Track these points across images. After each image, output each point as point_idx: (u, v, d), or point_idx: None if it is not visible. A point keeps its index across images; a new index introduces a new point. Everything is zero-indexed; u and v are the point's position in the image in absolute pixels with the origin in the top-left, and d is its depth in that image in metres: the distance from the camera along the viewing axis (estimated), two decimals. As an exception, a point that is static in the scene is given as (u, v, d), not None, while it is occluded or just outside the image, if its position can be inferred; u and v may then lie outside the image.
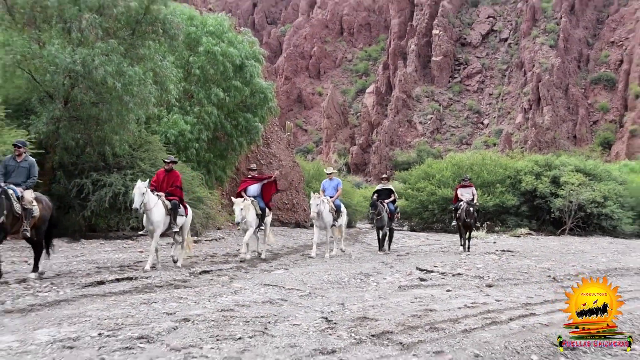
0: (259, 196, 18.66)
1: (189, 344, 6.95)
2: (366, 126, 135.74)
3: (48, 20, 21.53)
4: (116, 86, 20.66)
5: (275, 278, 13.38)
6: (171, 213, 14.82)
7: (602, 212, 39.92)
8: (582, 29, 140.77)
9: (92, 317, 8.47)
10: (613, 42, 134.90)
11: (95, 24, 20.94)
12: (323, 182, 20.36)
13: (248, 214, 17.40)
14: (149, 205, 14.08)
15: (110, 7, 21.58)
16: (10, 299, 9.79)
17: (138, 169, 23.25)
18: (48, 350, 6.64)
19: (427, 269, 15.77)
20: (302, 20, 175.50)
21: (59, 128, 21.46)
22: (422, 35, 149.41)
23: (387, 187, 22.04)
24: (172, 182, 15.33)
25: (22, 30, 21.79)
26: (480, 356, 6.79)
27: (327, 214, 18.74)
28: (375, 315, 8.97)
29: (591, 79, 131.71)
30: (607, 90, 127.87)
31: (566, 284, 13.60)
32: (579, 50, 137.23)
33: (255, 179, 19.00)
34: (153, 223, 14.27)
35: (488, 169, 43.94)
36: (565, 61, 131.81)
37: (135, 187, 13.93)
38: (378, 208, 20.49)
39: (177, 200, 15.14)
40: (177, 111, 27.74)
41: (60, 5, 20.94)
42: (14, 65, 21.28)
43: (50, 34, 21.39)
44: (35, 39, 21.59)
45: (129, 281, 12.18)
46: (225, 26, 30.62)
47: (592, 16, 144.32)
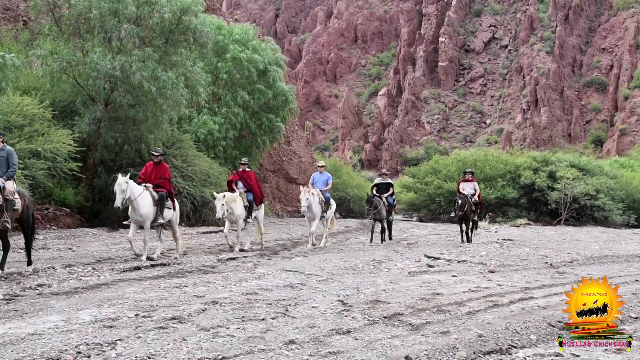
0: (249, 190, 16.88)
1: (217, 324, 6.97)
2: (378, 125, 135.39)
3: (91, 31, 21.63)
4: (151, 90, 20.73)
5: (295, 264, 13.39)
6: (158, 204, 13.52)
7: (594, 204, 39.89)
8: (576, 37, 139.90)
9: (130, 299, 8.52)
10: (604, 48, 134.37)
11: (132, 34, 21.01)
12: (313, 175, 18.94)
13: (235, 207, 15.78)
14: (133, 196, 12.80)
15: (146, 18, 21.65)
16: (56, 282, 9.86)
17: (171, 165, 23.30)
18: (90, 329, 6.68)
19: (434, 256, 15.73)
20: (320, 29, 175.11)
21: (100, 128, 21.57)
22: (429, 43, 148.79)
23: (386, 182, 21.44)
24: (161, 175, 14.04)
25: (68, 40, 21.91)
26: (483, 336, 6.77)
27: (316, 205, 17.33)
28: (387, 298, 8.96)
29: (584, 82, 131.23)
30: (598, 93, 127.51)
31: (562, 269, 13.59)
32: (572, 56, 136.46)
33: (244, 180, 17.02)
34: (141, 214, 13.09)
35: (490, 164, 43.76)
36: (561, 66, 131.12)
37: (115, 184, 12.69)
38: (374, 204, 19.44)
39: (165, 192, 13.85)
40: (206, 112, 27.77)
41: (102, 17, 21.02)
42: (61, 72, 21.44)
43: (92, 43, 21.48)
44: (79, 47, 21.71)
45: (163, 267, 12.24)
46: (250, 35, 30.61)
47: (585, 25, 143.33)
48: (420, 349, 6.12)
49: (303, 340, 6.40)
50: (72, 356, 5.61)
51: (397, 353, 6.03)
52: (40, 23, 23.19)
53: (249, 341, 6.28)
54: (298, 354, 5.90)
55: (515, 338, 6.73)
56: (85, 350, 5.81)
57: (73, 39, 22.07)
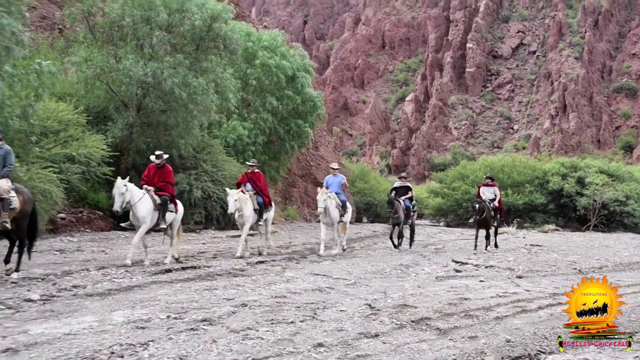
0: (258, 192, 16.15)
1: (246, 327, 7.01)
2: (406, 131, 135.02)
3: (124, 38, 21.88)
4: (182, 96, 20.89)
5: (324, 268, 13.40)
6: (160, 209, 12.98)
7: (624, 210, 39.43)
8: (605, 42, 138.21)
9: (161, 301, 8.59)
10: (634, 54, 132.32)
11: (164, 41, 21.21)
12: (326, 178, 17.95)
13: (245, 208, 15.22)
14: (133, 200, 12.30)
15: (177, 26, 21.85)
16: (90, 284, 9.96)
17: (201, 169, 23.48)
18: (123, 329, 6.75)
19: (461, 261, 15.68)
20: (347, 36, 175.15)
21: (132, 133, 21.77)
22: (457, 49, 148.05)
23: (404, 185, 20.57)
24: (164, 178, 13.52)
25: (102, 47, 22.18)
26: (511, 341, 6.73)
27: (333, 209, 16.66)
28: (415, 303, 8.94)
29: (614, 88, 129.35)
30: (628, 98, 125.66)
31: (591, 275, 13.44)
32: (602, 61, 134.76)
33: (253, 182, 16.26)
34: (139, 218, 12.55)
35: (518, 170, 43.62)
36: (590, 72, 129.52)
37: (115, 187, 12.24)
38: (395, 205, 18.76)
39: (168, 196, 13.36)
40: (235, 118, 27.90)
41: (135, 25, 21.25)
42: (95, 78, 21.70)
43: (125, 50, 21.72)
44: (112, 54, 21.96)
45: (193, 270, 12.30)
46: (278, 41, 30.70)
47: (615, 30, 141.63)
48: (448, 354, 6.11)
49: (331, 343, 6.41)
50: (106, 356, 5.69)
51: (425, 357, 6.03)
52: (75, 31, 23.45)
53: (278, 343, 6.31)
54: (326, 357, 5.92)
55: (544, 344, 6.68)
56: (118, 350, 5.88)
57: (106, 46, 22.33)
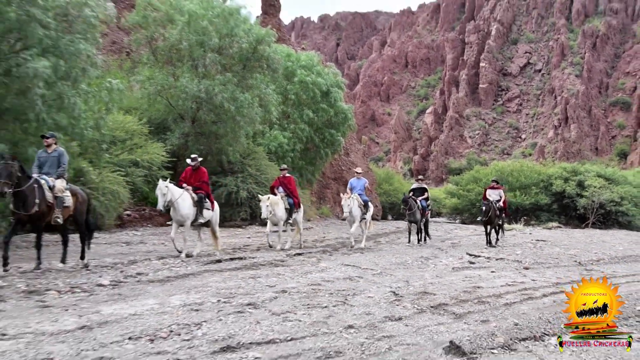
0: (288, 194, 15.93)
1: (286, 310, 7.03)
2: (426, 139, 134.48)
3: (181, 59, 22.16)
4: (231, 109, 21.06)
5: (353, 260, 13.37)
6: (197, 205, 12.76)
7: (619, 209, 39.22)
8: (603, 62, 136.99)
9: (212, 287, 8.63)
10: (628, 72, 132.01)
11: (215, 61, 21.41)
12: (351, 181, 17.51)
13: (277, 209, 15.07)
14: (174, 198, 12.09)
15: (227, 48, 22.04)
16: (152, 272, 10.06)
17: (247, 172, 23.62)
18: (180, 311, 6.81)
19: (475, 254, 15.53)
20: (375, 56, 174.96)
21: (188, 141, 21.99)
22: (471, 67, 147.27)
23: (421, 186, 19.97)
24: (199, 178, 13.23)
25: (162, 68, 22.48)
26: (519, 324, 6.66)
27: (356, 209, 16.30)
28: (434, 290, 8.89)
29: (610, 102, 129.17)
30: (623, 111, 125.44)
31: (589, 267, 13.28)
32: (599, 79, 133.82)
33: (284, 185, 16.07)
34: (182, 215, 12.33)
35: (525, 174, 43.44)
36: (589, 87, 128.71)
37: (157, 188, 12.04)
38: (409, 203, 18.27)
39: (204, 194, 13.09)
40: (277, 128, 28.03)
41: (190, 48, 21.49)
42: (156, 94, 22.01)
43: (182, 70, 21.98)
44: (171, 73, 22.24)
45: (240, 260, 12.33)
46: (314, 61, 30.78)
47: (611, 51, 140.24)
48: (463, 335, 6.07)
49: (360, 325, 6.41)
50: (166, 334, 5.75)
51: (442, 338, 6.00)
52: (140, 54, 23.83)
53: (314, 325, 6.32)
54: (356, 337, 5.92)
55: (548, 327, 6.60)
56: (176, 329, 5.95)
57: (166, 66, 22.63)
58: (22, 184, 9.25)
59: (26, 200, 9.30)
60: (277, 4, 38.10)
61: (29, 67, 11.45)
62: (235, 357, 5.11)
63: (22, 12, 11.83)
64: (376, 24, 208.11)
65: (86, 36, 13.08)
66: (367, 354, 5.35)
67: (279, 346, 5.49)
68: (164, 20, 22.30)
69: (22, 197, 9.27)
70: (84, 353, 5.06)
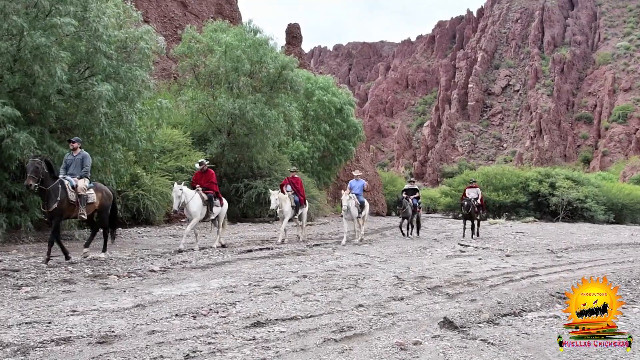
0: (295, 192, 15.44)
1: (306, 292, 7.06)
2: (424, 148, 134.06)
3: (219, 82, 22.26)
4: (260, 123, 21.11)
5: (363, 250, 13.37)
6: (208, 204, 12.26)
7: (584, 206, 39.70)
8: (569, 84, 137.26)
9: (245, 273, 8.69)
10: (590, 92, 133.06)
11: (247, 84, 21.49)
12: (350, 182, 16.55)
13: (285, 205, 14.72)
14: (187, 199, 11.61)
15: (257, 73, 22.13)
16: (194, 260, 10.15)
17: (273, 176, 23.65)
18: (218, 293, 6.87)
19: (465, 244, 15.50)
20: (381, 79, 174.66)
21: (224, 150, 22.10)
22: (461, 88, 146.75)
23: (413, 187, 19.33)
24: (208, 179, 12.67)
25: (203, 90, 22.61)
26: (501, 303, 6.64)
27: (353, 208, 15.30)
28: (430, 275, 8.87)
29: (575, 117, 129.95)
30: (586, 125, 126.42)
31: (560, 254, 13.30)
32: (567, 98, 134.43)
33: (292, 184, 15.59)
34: (191, 213, 11.79)
35: (507, 177, 43.42)
36: (558, 105, 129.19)
37: (173, 191, 11.62)
38: (403, 204, 17.94)
39: (213, 194, 12.54)
40: (298, 139, 28.06)
41: (227, 73, 21.60)
42: (198, 111, 22.16)
43: (220, 91, 22.09)
44: (210, 94, 22.35)
45: (267, 250, 12.38)
46: (330, 83, 30.78)
47: (576, 75, 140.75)
48: (455, 312, 6.05)
49: (369, 304, 6.41)
50: (206, 312, 5.80)
51: (438, 314, 5.99)
52: (185, 78, 24.00)
53: (330, 304, 6.34)
54: (365, 314, 5.93)
55: (525, 304, 6.57)
56: (214, 308, 5.99)
57: (207, 88, 22.75)
58: (48, 183, 8.83)
59: (50, 199, 8.89)
60: (299, 35, 38.16)
61: (95, 91, 11.62)
62: (264, 331, 5.13)
63: (90, 46, 12.03)
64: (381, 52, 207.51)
65: (141, 64, 13.22)
66: (374, 329, 5.35)
67: (301, 322, 5.51)
68: (205, 50, 22.43)
69: (47, 195, 8.87)
70: (139, 327, 5.12)
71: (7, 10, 10.74)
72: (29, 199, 11.70)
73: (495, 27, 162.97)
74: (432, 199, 56.96)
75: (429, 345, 4.86)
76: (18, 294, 6.51)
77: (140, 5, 25.34)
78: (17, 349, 4.34)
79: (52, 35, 11.13)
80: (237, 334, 4.98)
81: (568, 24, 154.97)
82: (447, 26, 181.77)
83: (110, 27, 12.43)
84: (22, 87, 11.49)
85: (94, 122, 12.00)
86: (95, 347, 4.45)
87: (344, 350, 4.60)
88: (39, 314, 5.51)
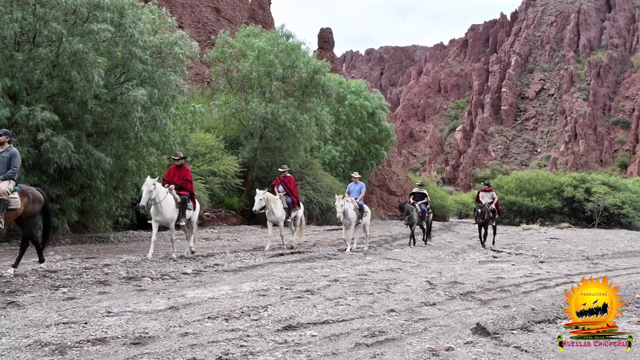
0: (287, 193, 13.85)
1: (338, 296, 7.03)
2: (456, 153, 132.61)
3: (251, 87, 22.44)
4: (292, 127, 21.19)
5: (394, 254, 13.29)
6: (180, 207, 10.66)
7: (621, 212, 38.60)
8: (606, 88, 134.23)
9: (276, 276, 8.71)
10: (627, 96, 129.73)
11: (279, 88, 21.59)
12: (349, 185, 15.01)
13: (275, 208, 13.13)
14: (158, 199, 10.05)
15: (289, 77, 22.22)
16: (226, 263, 10.23)
17: (305, 180, 23.72)
18: (250, 296, 6.89)
19: (498, 249, 15.27)
20: (413, 83, 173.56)
21: (256, 154, 22.26)
22: (494, 92, 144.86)
23: (421, 192, 17.89)
24: (183, 177, 11.09)
25: (236, 94, 22.82)
26: (535, 310, 6.52)
27: (351, 212, 13.49)
28: (463, 280, 8.75)
29: (612, 121, 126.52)
30: (623, 129, 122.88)
31: (596, 261, 13.05)
32: (603, 102, 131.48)
33: (285, 184, 13.99)
34: (166, 218, 10.33)
35: (541, 182, 42.58)
36: (594, 109, 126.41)
37: (143, 184, 9.98)
38: (406, 210, 16.26)
39: (187, 195, 10.93)
40: (330, 143, 28.08)
41: (259, 78, 21.77)
42: (230, 116, 22.37)
43: (252, 95, 22.25)
44: (243, 99, 22.54)
45: (299, 254, 12.40)
46: (362, 87, 30.74)
47: (612, 79, 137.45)
48: (488, 318, 5.95)
49: (400, 309, 6.35)
50: (238, 314, 5.82)
51: (470, 320, 5.89)
52: (218, 83, 24.27)
53: (361, 309, 6.30)
54: (397, 319, 5.87)
55: (560, 312, 6.41)
56: (246, 311, 6.01)
57: (239, 93, 22.97)
58: None
59: None
60: (331, 40, 38.22)
61: (130, 95, 11.83)
62: (295, 334, 5.12)
63: (126, 51, 12.27)
64: (414, 56, 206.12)
65: (175, 69, 13.43)
66: (406, 334, 5.29)
67: (332, 326, 5.48)
68: (238, 55, 22.66)
69: None
70: (172, 329, 5.17)
71: (47, 17, 11.06)
72: (66, 202, 11.98)
73: (530, 30, 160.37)
74: (464, 204, 56.24)
75: (461, 351, 4.77)
76: (56, 295, 6.65)
77: (175, 11, 25.81)
78: (55, 348, 4.43)
79: (89, 41, 11.41)
80: (268, 337, 4.98)
81: (605, 27, 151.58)
82: (480, 30, 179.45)
83: (145, 32, 12.66)
84: (60, 92, 11.80)
85: (129, 126, 12.22)
86: (129, 348, 4.51)
87: (375, 355, 4.56)
88: (76, 315, 5.62)
